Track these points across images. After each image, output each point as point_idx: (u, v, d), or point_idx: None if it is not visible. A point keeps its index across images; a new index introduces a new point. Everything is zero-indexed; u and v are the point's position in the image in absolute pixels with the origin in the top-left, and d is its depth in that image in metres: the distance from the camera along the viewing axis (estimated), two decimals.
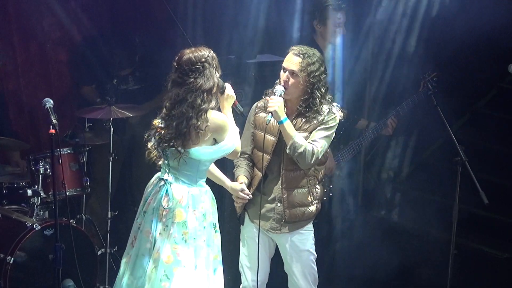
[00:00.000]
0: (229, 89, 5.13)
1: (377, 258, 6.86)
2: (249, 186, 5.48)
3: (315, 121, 5.31)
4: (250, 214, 5.55)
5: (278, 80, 5.37)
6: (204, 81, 4.93)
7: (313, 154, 5.23)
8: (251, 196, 5.39)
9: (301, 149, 5.22)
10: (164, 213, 5.02)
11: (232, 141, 5.05)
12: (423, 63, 6.76)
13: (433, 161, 7.00)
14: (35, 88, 7.52)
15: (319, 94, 5.30)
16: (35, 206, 6.43)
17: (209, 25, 7.35)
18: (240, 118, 5.39)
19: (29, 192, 6.43)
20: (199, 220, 5.05)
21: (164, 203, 5.03)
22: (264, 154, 5.40)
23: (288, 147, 5.28)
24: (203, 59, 4.94)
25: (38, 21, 7.47)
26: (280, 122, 5.25)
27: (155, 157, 5.18)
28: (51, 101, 5.11)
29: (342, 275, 6.76)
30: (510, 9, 6.69)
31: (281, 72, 5.35)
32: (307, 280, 5.51)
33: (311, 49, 5.36)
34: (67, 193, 6.41)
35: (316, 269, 5.54)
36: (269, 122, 5.30)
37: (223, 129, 5.01)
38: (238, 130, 5.16)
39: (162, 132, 5.00)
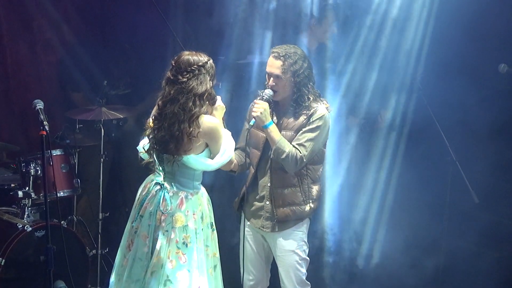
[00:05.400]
0: (219, 101, 5.15)
1: (372, 254, 6.91)
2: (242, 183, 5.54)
3: (302, 118, 5.33)
4: (245, 212, 5.57)
5: (267, 82, 5.39)
6: (197, 84, 4.92)
7: (296, 159, 5.26)
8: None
9: (284, 155, 5.25)
10: (163, 217, 5.02)
11: (226, 155, 5.06)
12: (414, 61, 6.79)
13: (423, 160, 7.01)
14: (25, 89, 7.50)
15: (306, 91, 5.33)
16: (26, 207, 6.41)
17: (199, 26, 7.35)
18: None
19: (20, 193, 6.40)
20: (198, 223, 5.07)
21: (163, 208, 5.02)
22: (255, 150, 5.45)
23: (272, 152, 5.31)
24: (200, 63, 4.95)
25: (28, 22, 7.45)
26: (265, 127, 5.29)
27: (147, 161, 5.19)
28: (42, 103, 5.10)
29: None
30: (502, 10, 6.72)
31: (266, 77, 5.38)
32: (292, 281, 5.52)
33: (291, 47, 5.36)
34: (58, 195, 6.40)
35: (304, 272, 5.54)
36: (251, 127, 5.34)
37: (215, 133, 5.00)
38: (233, 144, 5.16)
39: (156, 135, 4.99)
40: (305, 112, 5.33)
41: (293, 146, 5.28)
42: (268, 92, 5.33)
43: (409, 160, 7.00)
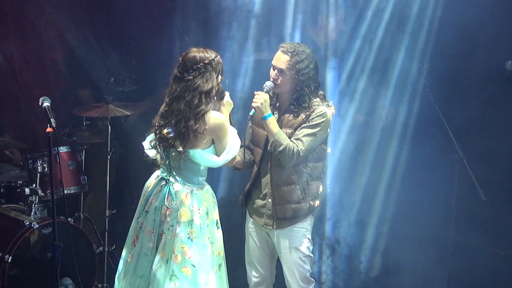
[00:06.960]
0: (227, 96, 5.15)
1: (377, 251, 6.90)
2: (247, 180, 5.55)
3: (302, 116, 5.32)
4: (249, 209, 5.57)
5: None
6: (202, 82, 4.92)
7: (293, 153, 5.25)
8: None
9: (281, 148, 5.25)
10: (168, 212, 5.03)
11: (232, 153, 5.07)
12: (421, 57, 6.78)
13: (430, 158, 7.00)
14: (32, 86, 7.51)
15: (308, 91, 5.31)
16: (33, 204, 6.43)
17: (206, 23, 7.35)
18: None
19: (27, 190, 6.42)
20: (203, 219, 5.08)
21: (168, 203, 5.03)
22: (258, 149, 5.46)
23: (269, 144, 5.31)
24: (207, 61, 4.95)
25: (35, 20, 7.46)
26: (264, 118, 5.29)
27: (154, 157, 5.19)
28: (49, 100, 5.10)
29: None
30: (508, 6, 6.69)
31: (271, 69, 5.37)
32: (295, 278, 5.51)
33: (301, 45, 5.37)
34: (65, 192, 6.40)
35: (308, 269, 5.53)
36: (250, 118, 5.36)
37: (221, 129, 5.01)
38: (239, 142, 5.15)
39: (163, 132, 5.00)
40: (305, 111, 5.32)
41: (291, 140, 5.28)
42: (269, 84, 5.34)
43: (416, 157, 6.99)
